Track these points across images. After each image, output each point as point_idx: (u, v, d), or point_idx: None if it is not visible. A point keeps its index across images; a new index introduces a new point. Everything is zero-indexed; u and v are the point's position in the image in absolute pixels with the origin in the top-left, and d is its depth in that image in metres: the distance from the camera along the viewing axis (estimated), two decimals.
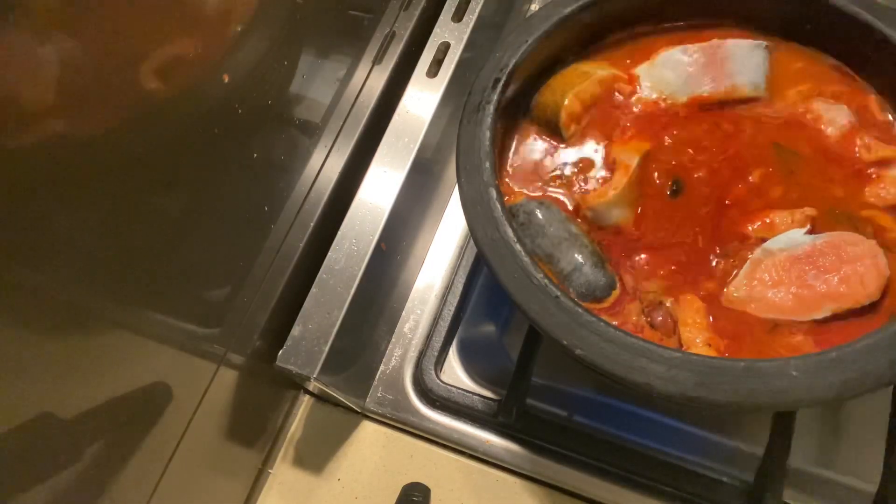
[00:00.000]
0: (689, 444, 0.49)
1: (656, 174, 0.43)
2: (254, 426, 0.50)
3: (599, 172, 0.44)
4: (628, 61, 0.48)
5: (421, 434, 0.51)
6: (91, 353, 0.33)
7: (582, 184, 0.44)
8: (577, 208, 0.43)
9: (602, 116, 0.46)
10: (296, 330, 0.46)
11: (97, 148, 0.31)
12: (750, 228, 0.41)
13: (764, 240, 0.40)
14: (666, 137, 0.45)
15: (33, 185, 0.28)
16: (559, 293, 0.36)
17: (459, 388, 0.51)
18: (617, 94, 0.46)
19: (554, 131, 0.46)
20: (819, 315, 0.38)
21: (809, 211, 0.40)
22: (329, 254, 0.48)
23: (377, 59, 0.53)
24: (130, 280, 0.35)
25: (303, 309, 0.47)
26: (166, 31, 0.34)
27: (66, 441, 0.33)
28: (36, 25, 0.27)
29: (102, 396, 0.34)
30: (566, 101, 0.45)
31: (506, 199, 0.44)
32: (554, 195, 0.44)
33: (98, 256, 0.32)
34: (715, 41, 0.46)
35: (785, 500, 0.42)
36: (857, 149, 0.43)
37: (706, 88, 0.45)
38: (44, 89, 0.28)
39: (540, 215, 0.42)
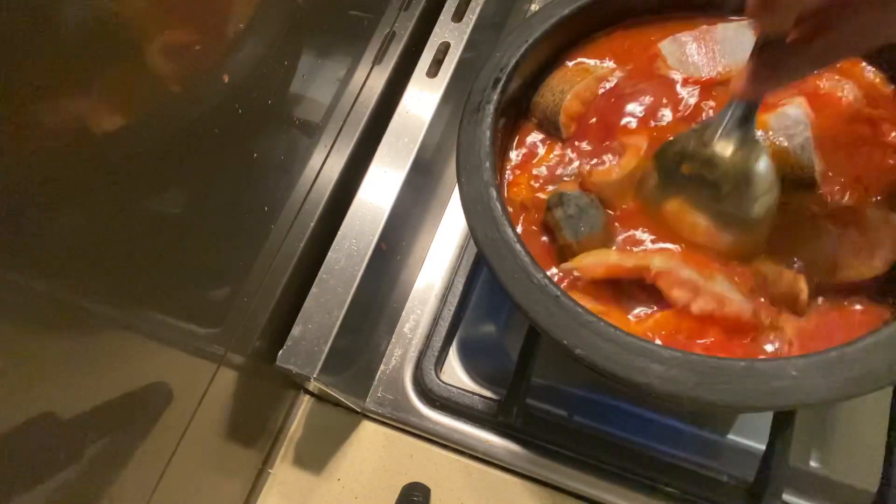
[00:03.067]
0: (689, 444, 0.49)
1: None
2: (254, 426, 0.50)
3: (602, 165, 0.44)
4: (628, 54, 0.48)
5: (421, 434, 0.51)
6: (91, 353, 0.33)
7: (581, 174, 0.44)
8: (582, 185, 0.44)
9: (602, 112, 0.46)
10: (296, 330, 0.46)
11: (97, 148, 0.31)
12: None
13: None
14: (669, 128, 0.45)
15: (34, 185, 0.28)
16: (559, 293, 0.36)
17: (459, 388, 0.51)
18: (618, 86, 0.46)
19: (555, 129, 0.46)
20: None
21: None
22: (329, 254, 0.48)
23: (377, 59, 0.53)
24: (130, 280, 0.35)
25: (303, 309, 0.47)
26: (166, 30, 0.34)
27: (66, 441, 0.33)
28: (35, 24, 0.27)
29: (102, 396, 0.34)
30: (566, 101, 0.45)
31: (537, 192, 0.44)
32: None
33: (98, 256, 0.32)
34: (704, 26, 0.46)
35: (785, 500, 0.42)
36: (882, 133, 0.42)
37: (702, 74, 0.46)
38: (44, 88, 0.28)
39: (593, 210, 0.42)
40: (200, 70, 0.37)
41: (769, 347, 0.38)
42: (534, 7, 0.67)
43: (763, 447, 0.43)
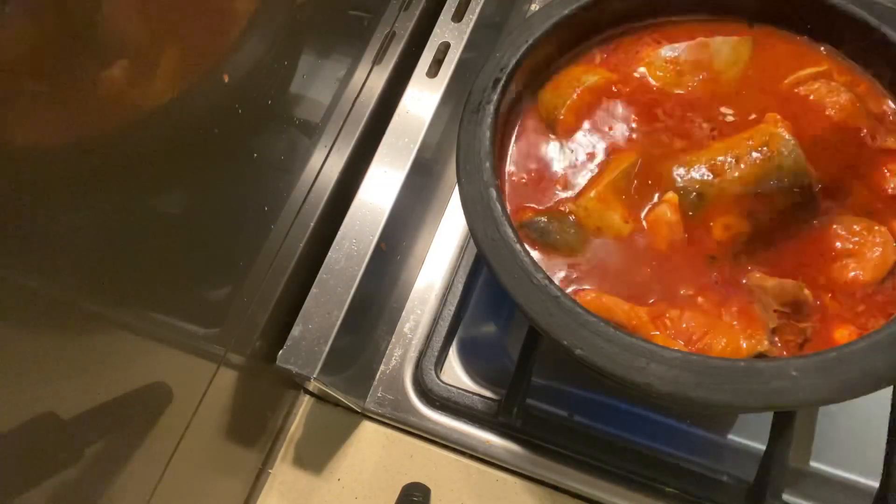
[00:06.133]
0: (689, 444, 0.49)
1: (649, 181, 0.44)
2: (254, 426, 0.50)
3: (588, 175, 0.45)
4: (623, 60, 0.48)
5: (421, 434, 0.51)
6: (91, 353, 0.33)
7: (575, 186, 0.44)
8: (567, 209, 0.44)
9: (598, 121, 0.46)
10: (296, 330, 0.46)
11: (97, 148, 0.31)
12: None
13: None
14: (660, 139, 0.45)
15: (34, 185, 0.28)
16: (559, 293, 0.36)
17: (459, 388, 0.51)
18: (611, 96, 0.47)
19: (552, 134, 0.46)
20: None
21: None
22: (329, 254, 0.48)
23: (377, 59, 0.53)
24: (130, 280, 0.35)
25: (303, 309, 0.47)
26: (166, 30, 0.34)
27: (66, 441, 0.33)
28: (35, 23, 0.27)
29: (102, 396, 0.34)
30: (560, 115, 0.45)
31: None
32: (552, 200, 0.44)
33: (98, 256, 0.32)
34: (701, 38, 0.47)
35: (785, 500, 0.42)
36: (862, 134, 0.43)
37: (696, 85, 0.46)
38: (45, 89, 0.28)
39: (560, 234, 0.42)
40: (200, 70, 0.37)
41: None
42: (534, 7, 0.67)
43: (763, 447, 0.43)
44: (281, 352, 0.45)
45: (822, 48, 0.46)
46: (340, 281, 0.47)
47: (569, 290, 0.41)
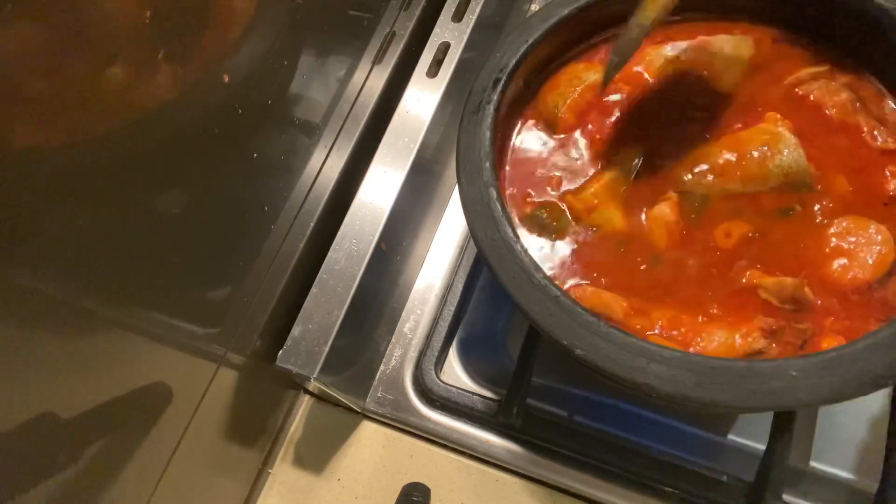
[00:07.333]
0: (689, 444, 0.49)
1: (649, 180, 0.43)
2: (254, 426, 0.50)
3: (588, 173, 0.45)
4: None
5: (421, 434, 0.51)
6: (91, 353, 0.33)
7: (575, 183, 0.44)
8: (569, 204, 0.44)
9: (598, 119, 0.46)
10: (296, 330, 0.46)
11: (97, 148, 0.31)
12: None
13: None
14: (660, 137, 0.45)
15: (34, 185, 0.28)
16: (559, 293, 0.36)
17: (459, 388, 0.51)
18: (611, 95, 0.47)
19: (552, 133, 0.46)
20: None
21: None
22: (329, 254, 0.48)
23: (377, 59, 0.53)
24: (130, 280, 0.35)
25: (303, 309, 0.47)
26: (166, 30, 0.34)
27: (66, 441, 0.33)
28: (36, 23, 0.27)
29: (102, 396, 0.34)
30: (560, 114, 0.45)
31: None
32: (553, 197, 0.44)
33: (98, 256, 0.32)
34: (702, 37, 0.47)
35: (785, 500, 0.42)
36: (863, 134, 0.43)
37: (696, 83, 0.46)
38: (45, 89, 0.28)
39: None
40: (200, 70, 0.37)
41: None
42: (534, 7, 0.67)
43: (763, 447, 0.43)
44: (281, 352, 0.45)
45: (823, 48, 0.46)
46: (340, 281, 0.47)
47: (568, 284, 0.41)
